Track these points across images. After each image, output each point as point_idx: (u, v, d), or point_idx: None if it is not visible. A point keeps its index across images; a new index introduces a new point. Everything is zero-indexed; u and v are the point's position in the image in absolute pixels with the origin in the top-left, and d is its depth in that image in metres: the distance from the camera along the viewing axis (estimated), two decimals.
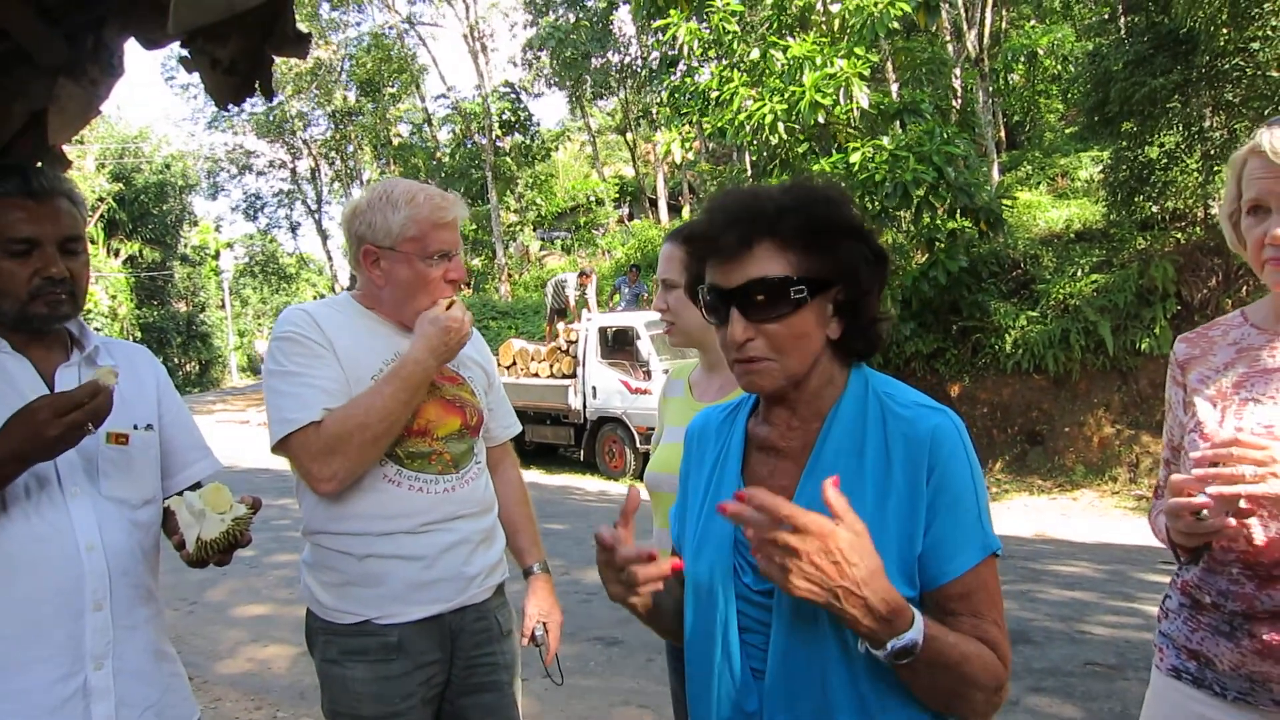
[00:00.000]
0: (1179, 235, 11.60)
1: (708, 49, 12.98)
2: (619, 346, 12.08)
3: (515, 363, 13.63)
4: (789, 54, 11.69)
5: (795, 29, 12.94)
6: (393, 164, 31.20)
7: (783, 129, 11.63)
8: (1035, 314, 11.78)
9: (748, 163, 16.99)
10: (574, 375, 12.56)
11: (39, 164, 1.84)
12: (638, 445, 11.61)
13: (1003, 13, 17.53)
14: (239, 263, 40.71)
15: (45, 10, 1.73)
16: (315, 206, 35.32)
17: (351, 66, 29.88)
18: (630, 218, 29.86)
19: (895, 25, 12.10)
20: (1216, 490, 1.24)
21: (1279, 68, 10.50)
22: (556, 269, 22.82)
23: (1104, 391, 11.26)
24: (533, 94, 29.53)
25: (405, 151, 31.51)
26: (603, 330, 12.23)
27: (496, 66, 48.16)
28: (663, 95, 15.95)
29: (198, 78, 1.83)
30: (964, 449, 1.12)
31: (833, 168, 11.43)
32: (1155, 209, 11.70)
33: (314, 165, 34.46)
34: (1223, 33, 10.60)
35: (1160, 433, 1.66)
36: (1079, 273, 11.91)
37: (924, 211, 11.48)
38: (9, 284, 1.48)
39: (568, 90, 28.27)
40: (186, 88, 32.46)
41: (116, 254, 30.07)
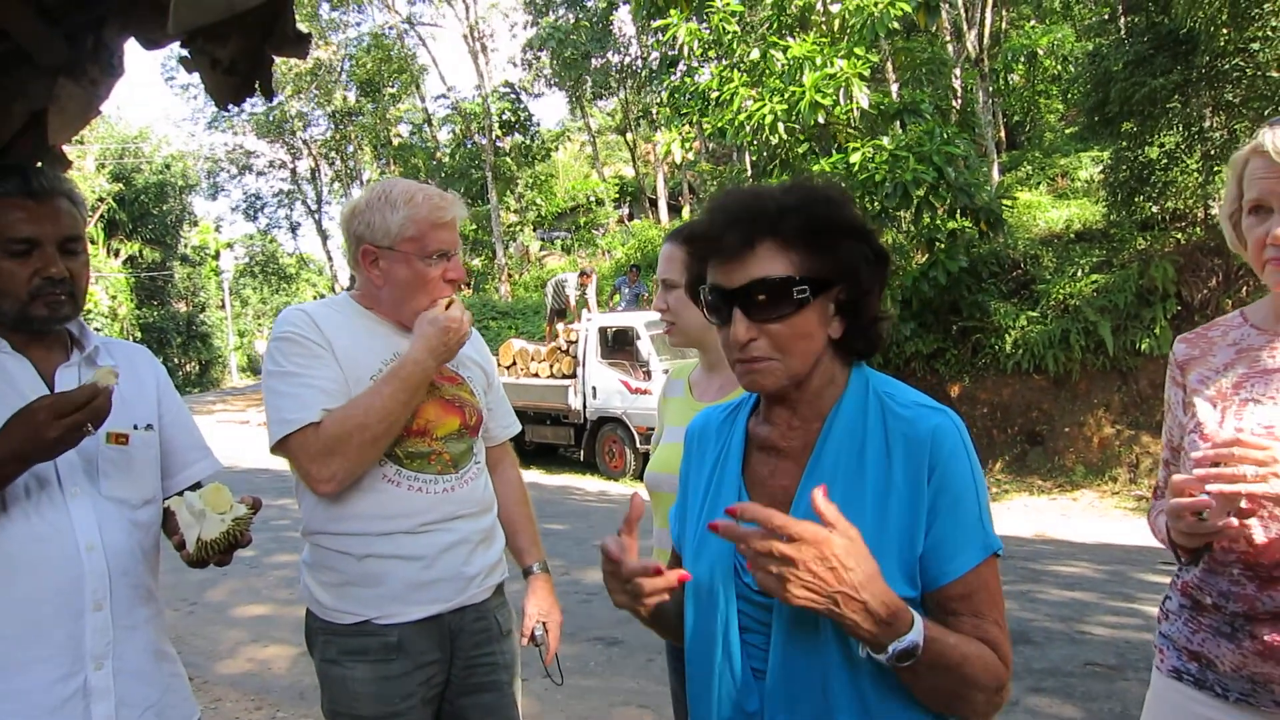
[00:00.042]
0: (1179, 235, 11.60)
1: (708, 49, 12.98)
2: (619, 346, 12.08)
3: (515, 363, 13.63)
4: (789, 54, 11.69)
5: (795, 29, 12.94)
6: (393, 164, 31.19)
7: (783, 129, 11.63)
8: (1035, 314, 11.78)
9: (748, 163, 16.99)
10: (574, 375, 12.56)
11: (39, 164, 1.84)
12: (638, 445, 11.61)
13: (1003, 13, 17.52)
14: (239, 263, 40.71)
15: (45, 10, 1.73)
16: (315, 207, 35.35)
17: (351, 67, 29.87)
18: (630, 218, 29.86)
19: (895, 25, 12.10)
20: (1217, 488, 1.24)
21: (1279, 68, 10.50)
22: (556, 269, 22.81)
23: (1104, 392, 11.26)
24: (533, 94, 29.58)
25: (405, 152, 31.51)
26: (603, 330, 12.23)
27: (496, 67, 48.23)
28: (663, 95, 15.94)
29: (198, 78, 1.82)
30: (964, 449, 1.12)
31: (833, 168, 11.43)
32: (1155, 209, 11.71)
33: (314, 165, 34.46)
34: (1223, 33, 10.60)
35: (1160, 433, 1.65)
36: (1079, 273, 11.91)
37: (924, 211, 11.48)
38: (9, 284, 1.48)
39: (568, 90, 28.26)
40: (186, 88, 32.55)
41: (116, 254, 30.07)
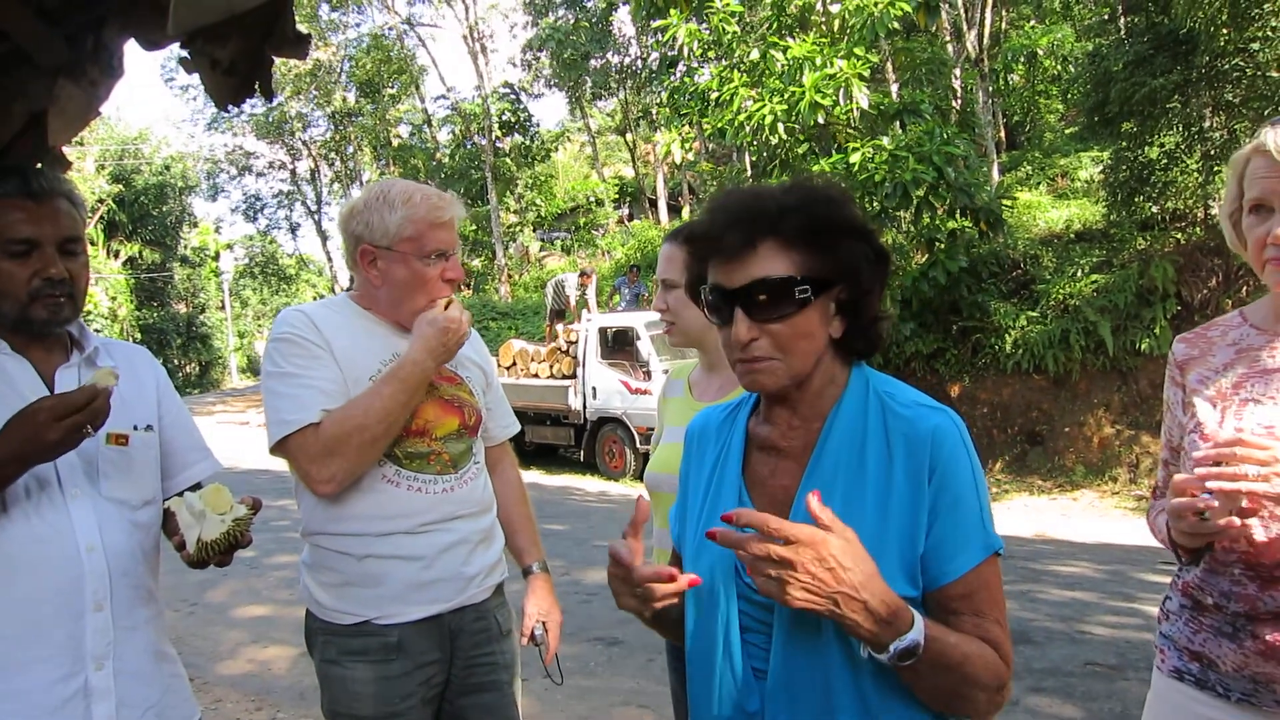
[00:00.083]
0: (1179, 235, 11.60)
1: (707, 50, 12.98)
2: (619, 347, 12.08)
3: (515, 363, 13.63)
4: (789, 54, 11.68)
5: (795, 29, 12.94)
6: (392, 165, 31.19)
7: (782, 129, 11.63)
8: (1035, 314, 11.77)
9: (747, 163, 16.99)
10: (574, 376, 12.56)
11: (39, 165, 1.84)
12: (638, 445, 11.61)
13: (1003, 13, 17.52)
14: (239, 264, 40.71)
15: (45, 11, 1.73)
16: (315, 208, 35.35)
17: (351, 67, 29.86)
18: (630, 218, 29.85)
19: (895, 25, 12.10)
20: (1218, 486, 1.24)
21: (1279, 68, 10.50)
22: (556, 269, 22.80)
23: (1104, 392, 11.26)
24: (532, 95, 29.58)
25: (405, 152, 31.52)
26: (603, 330, 12.23)
27: (496, 67, 48.29)
28: (662, 96, 15.94)
29: (197, 79, 1.83)
30: (965, 449, 1.12)
31: (833, 168, 11.42)
32: (1155, 209, 11.70)
33: (314, 166, 34.46)
34: (1223, 33, 10.60)
35: (1160, 433, 1.65)
36: (1079, 273, 11.90)
37: (924, 211, 11.48)
38: (8, 285, 1.48)
39: (567, 91, 28.25)
40: (186, 89, 32.55)
41: (116, 255, 30.06)
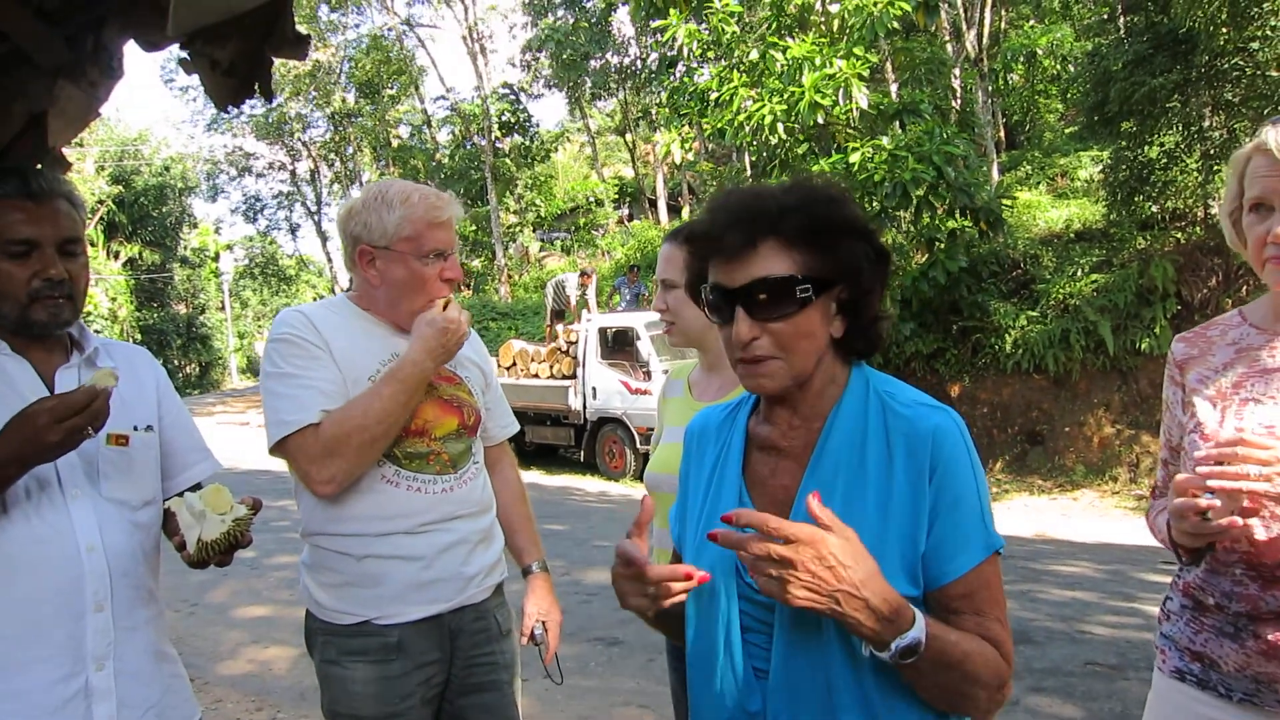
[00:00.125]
0: (1179, 235, 11.60)
1: (707, 50, 12.98)
2: (619, 347, 12.08)
3: (515, 364, 13.63)
4: (788, 55, 11.68)
5: (794, 29, 12.93)
6: (392, 165, 31.18)
7: (782, 129, 11.62)
8: (1035, 314, 11.78)
9: (747, 163, 16.99)
10: (574, 376, 12.56)
11: (39, 166, 1.84)
12: (638, 446, 11.61)
13: (1002, 13, 17.53)
14: (239, 265, 40.74)
15: (45, 12, 1.73)
16: (315, 208, 35.30)
17: (350, 68, 29.85)
18: (630, 218, 29.84)
19: (895, 25, 12.09)
20: (1219, 485, 1.24)
21: (1279, 67, 10.50)
22: (556, 270, 22.80)
23: (1104, 391, 11.26)
24: (532, 95, 29.54)
25: (405, 153, 31.50)
26: (603, 331, 12.23)
27: (495, 68, 48.30)
28: (662, 96, 15.93)
29: (197, 80, 1.83)
30: (965, 448, 1.12)
31: (832, 168, 11.42)
32: (1155, 209, 11.71)
33: (313, 167, 34.43)
34: (1222, 32, 10.61)
35: (1159, 433, 1.65)
36: (1079, 273, 11.90)
37: (924, 211, 11.48)
38: (8, 286, 1.48)
39: (567, 91, 28.24)
40: (186, 90, 32.51)
41: (116, 256, 30.05)
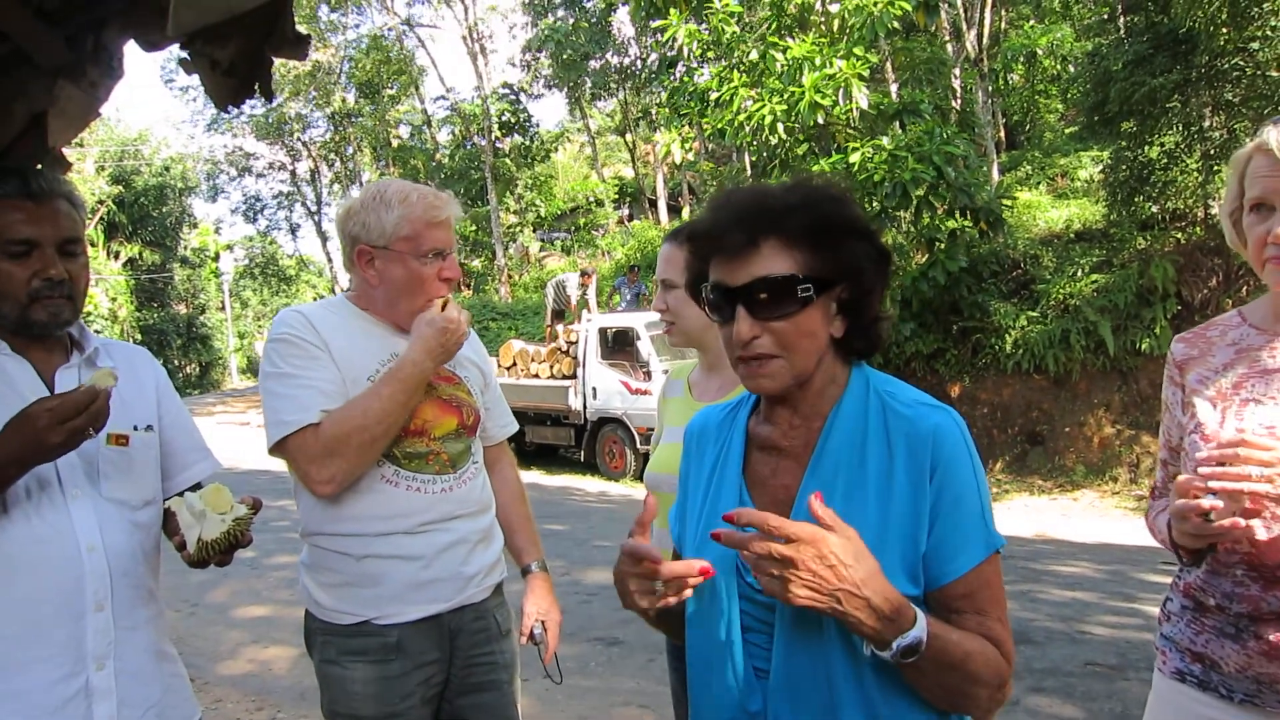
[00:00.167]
0: (1179, 235, 11.60)
1: (707, 50, 12.97)
2: (619, 347, 12.08)
3: (515, 364, 13.63)
4: (788, 55, 11.68)
5: (794, 29, 12.93)
6: (392, 165, 31.17)
7: (782, 129, 11.62)
8: (1035, 314, 11.77)
9: (747, 163, 16.98)
10: (574, 376, 12.56)
11: (39, 166, 1.84)
12: (638, 446, 11.61)
13: (1002, 13, 17.53)
14: (239, 265, 40.73)
15: (45, 12, 1.73)
16: (315, 208, 35.29)
17: (350, 68, 29.84)
18: (630, 218, 29.83)
19: (895, 25, 12.10)
20: (1221, 486, 1.24)
21: (1279, 67, 10.50)
22: (556, 270, 22.79)
23: (1104, 392, 11.25)
24: (532, 95, 29.52)
25: (405, 153, 31.50)
26: (603, 331, 12.23)
27: (495, 68, 48.30)
28: (662, 96, 15.92)
29: (197, 80, 1.83)
30: (966, 447, 1.12)
31: (832, 168, 11.42)
32: (1155, 209, 11.70)
33: (313, 167, 34.42)
34: (1222, 32, 10.60)
35: (1159, 433, 1.65)
36: (1079, 273, 11.90)
37: (924, 211, 11.48)
38: (8, 285, 1.48)
39: (567, 91, 28.24)
40: (186, 90, 32.47)
41: (116, 256, 30.05)
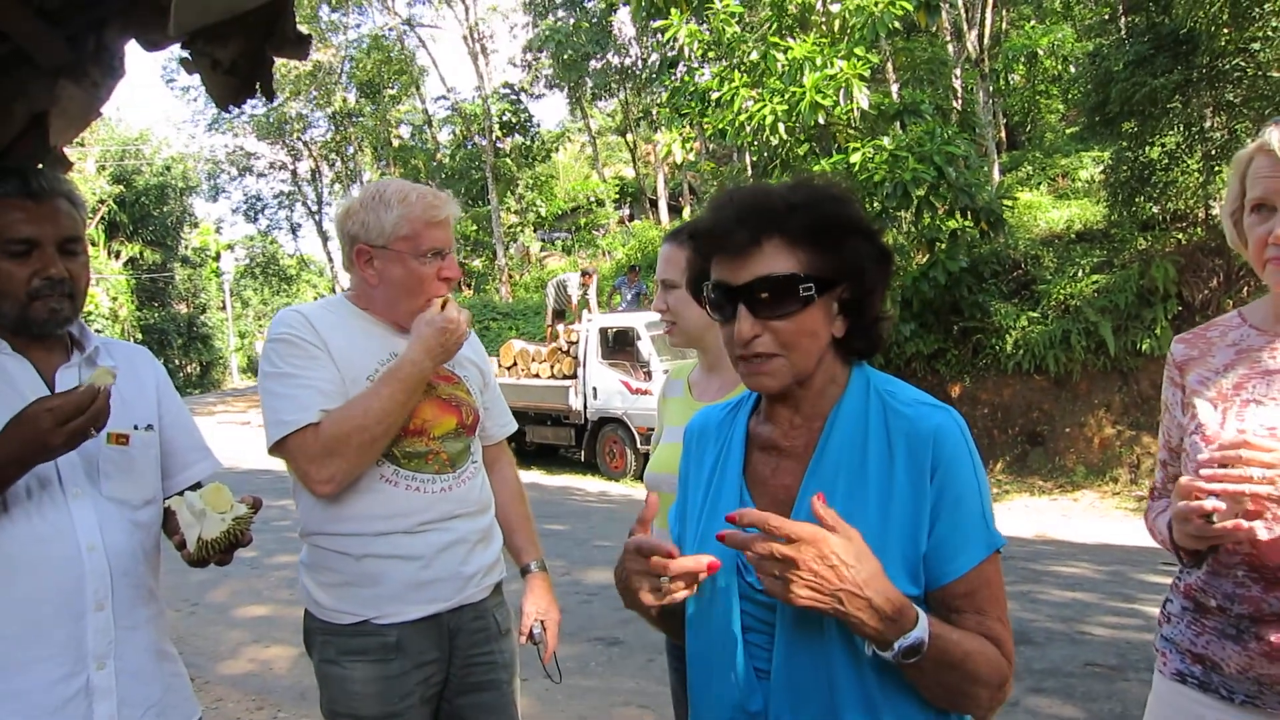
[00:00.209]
0: (1180, 236, 11.59)
1: (707, 50, 12.97)
2: (619, 347, 12.08)
3: (516, 363, 13.63)
4: (789, 55, 11.68)
5: (795, 30, 12.93)
6: (393, 165, 31.16)
7: (783, 130, 11.62)
8: (1036, 314, 11.77)
9: (748, 163, 16.98)
10: (574, 376, 12.56)
11: (40, 165, 1.84)
12: (638, 446, 11.61)
13: (1003, 13, 17.50)
14: (239, 264, 40.72)
15: (46, 12, 1.73)
16: (316, 208, 35.27)
17: (351, 68, 29.84)
18: (630, 218, 29.84)
19: (895, 25, 12.09)
20: (1223, 488, 1.24)
21: (1279, 68, 10.49)
22: (557, 270, 22.78)
23: (1105, 392, 11.25)
24: (532, 95, 29.52)
25: (405, 153, 31.49)
26: (603, 331, 12.23)
27: (496, 68, 48.24)
28: (663, 96, 15.92)
29: (198, 79, 1.83)
30: (967, 447, 1.12)
31: (833, 168, 11.42)
32: (1156, 209, 11.69)
33: (314, 167, 34.42)
34: (1223, 33, 10.60)
35: (1159, 434, 1.65)
36: (1080, 273, 11.89)
37: (924, 211, 11.47)
38: (8, 285, 1.48)
39: (567, 91, 28.24)
40: (187, 90, 32.46)
41: (117, 256, 30.04)
